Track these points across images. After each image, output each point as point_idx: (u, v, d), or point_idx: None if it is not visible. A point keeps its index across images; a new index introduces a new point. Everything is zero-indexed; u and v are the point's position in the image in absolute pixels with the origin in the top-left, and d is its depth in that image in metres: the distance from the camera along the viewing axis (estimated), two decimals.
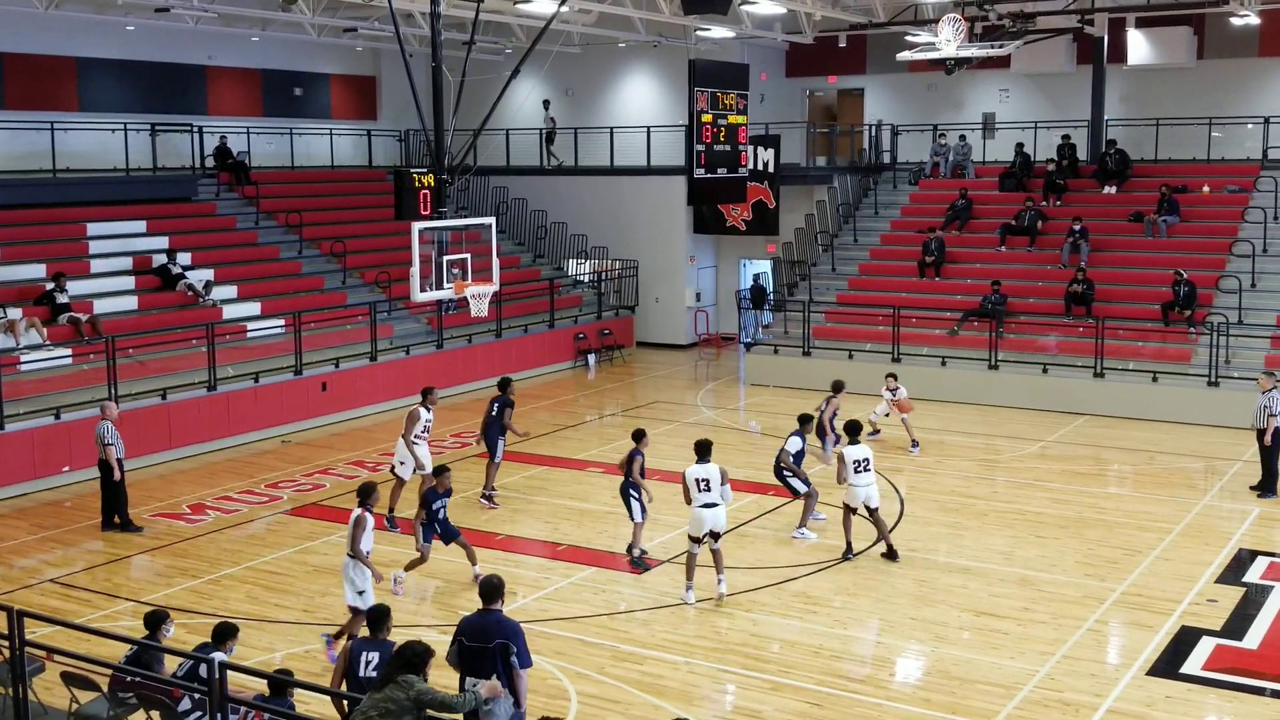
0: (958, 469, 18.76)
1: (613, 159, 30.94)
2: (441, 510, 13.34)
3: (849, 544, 14.52)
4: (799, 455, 15.40)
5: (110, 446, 15.67)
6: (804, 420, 15.79)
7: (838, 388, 18.76)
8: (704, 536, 12.92)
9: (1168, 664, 11.47)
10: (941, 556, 14.67)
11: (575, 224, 31.13)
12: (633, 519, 14.32)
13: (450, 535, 13.48)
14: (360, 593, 11.47)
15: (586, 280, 30.58)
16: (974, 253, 26.79)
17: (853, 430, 14.86)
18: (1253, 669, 11.38)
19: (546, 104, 28.20)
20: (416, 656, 7.43)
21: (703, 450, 13.07)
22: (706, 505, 12.85)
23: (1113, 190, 26.94)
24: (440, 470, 13.58)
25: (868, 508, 14.40)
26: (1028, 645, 11.91)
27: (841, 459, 14.47)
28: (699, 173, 21.22)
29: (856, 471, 14.28)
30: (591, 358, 28.23)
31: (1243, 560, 14.39)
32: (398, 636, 10.37)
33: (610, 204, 30.79)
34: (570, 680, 11.16)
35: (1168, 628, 12.31)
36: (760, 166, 28.50)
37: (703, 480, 12.86)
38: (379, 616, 9.36)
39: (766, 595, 13.29)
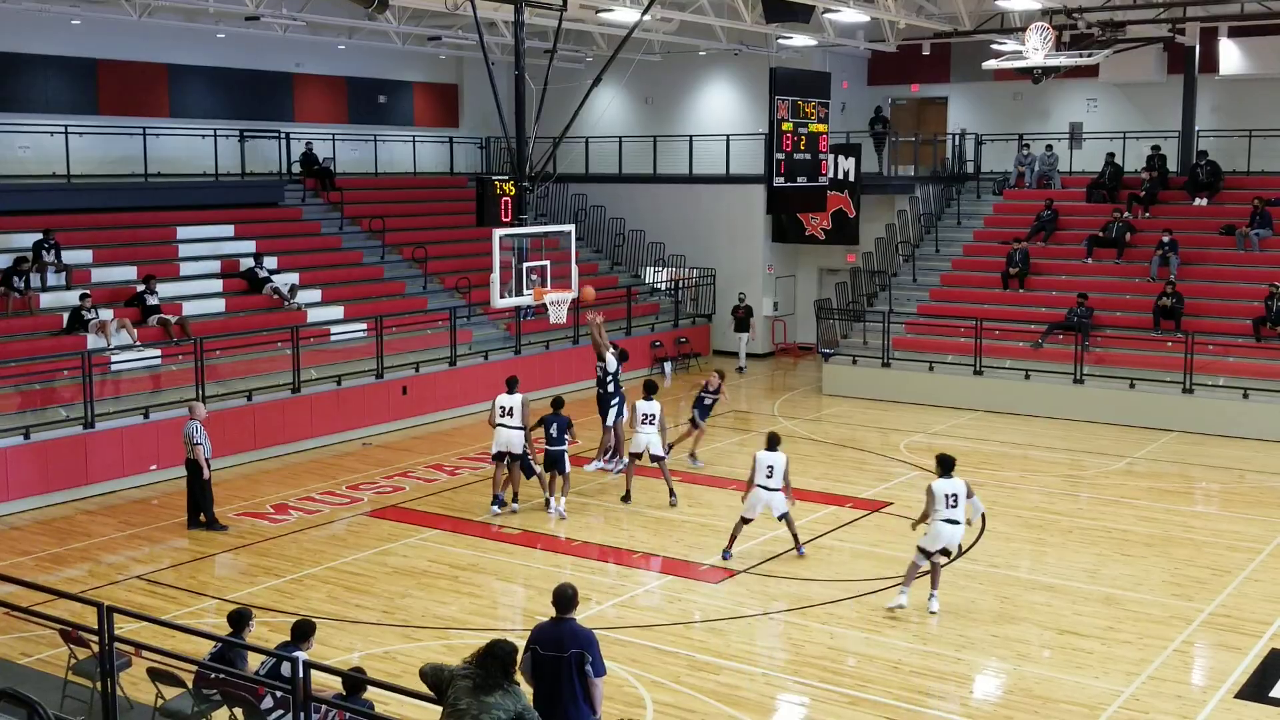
0: (1041, 484, 18.43)
1: (691, 167, 30.94)
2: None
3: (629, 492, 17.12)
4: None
5: (199, 446, 15.97)
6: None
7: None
8: (936, 552, 12.91)
9: (1256, 687, 11.17)
10: (1024, 573, 14.43)
11: (653, 232, 31.19)
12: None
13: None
14: None
15: (663, 288, 30.60)
16: (1060, 264, 26.34)
17: (650, 389, 17.32)
18: None
19: None
20: (508, 656, 7.28)
21: (947, 465, 12.90)
22: (950, 521, 12.73)
23: (1204, 202, 26.34)
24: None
25: (651, 455, 16.93)
26: (1112, 665, 11.66)
27: (633, 408, 17.02)
28: (778, 181, 21.10)
29: (644, 423, 16.88)
30: (667, 365, 28.21)
31: None
32: (472, 641, 10.47)
33: (688, 212, 30.80)
34: (646, 688, 11.15)
35: (1257, 650, 11.99)
36: (840, 175, 28.30)
37: (951, 495, 12.71)
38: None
39: (844, 608, 13.16)
